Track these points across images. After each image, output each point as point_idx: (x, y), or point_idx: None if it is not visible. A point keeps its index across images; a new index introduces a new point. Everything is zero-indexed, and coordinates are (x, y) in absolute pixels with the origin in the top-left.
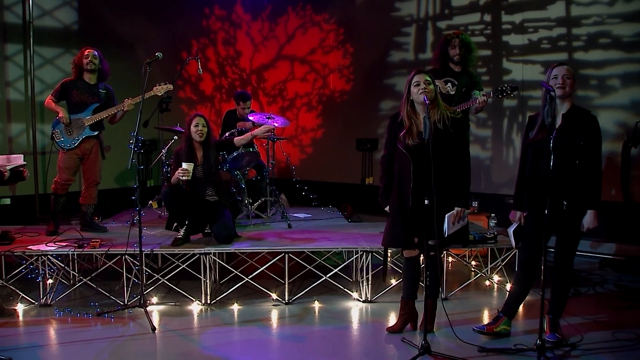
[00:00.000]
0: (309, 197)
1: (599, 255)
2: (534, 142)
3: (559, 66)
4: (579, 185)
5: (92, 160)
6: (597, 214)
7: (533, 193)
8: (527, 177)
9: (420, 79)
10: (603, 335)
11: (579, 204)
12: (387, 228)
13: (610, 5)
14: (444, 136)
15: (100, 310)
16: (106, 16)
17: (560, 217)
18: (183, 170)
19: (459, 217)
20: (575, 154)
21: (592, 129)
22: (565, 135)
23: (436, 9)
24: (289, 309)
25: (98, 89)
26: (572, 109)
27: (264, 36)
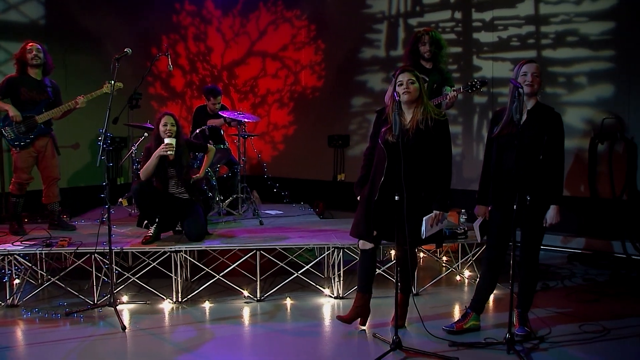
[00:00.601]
0: (281, 194)
1: (567, 250)
2: (499, 137)
3: (529, 63)
4: (542, 180)
5: (49, 158)
6: (559, 209)
7: (497, 188)
8: (492, 172)
9: (404, 78)
10: (571, 327)
11: (542, 199)
12: (356, 218)
13: (578, 4)
14: (426, 137)
15: (69, 310)
16: (74, 11)
17: (524, 212)
18: (167, 145)
19: (437, 220)
20: (539, 149)
21: (556, 126)
22: (530, 131)
23: (407, 6)
24: (260, 306)
25: (45, 84)
26: (537, 106)
27: (235, 32)
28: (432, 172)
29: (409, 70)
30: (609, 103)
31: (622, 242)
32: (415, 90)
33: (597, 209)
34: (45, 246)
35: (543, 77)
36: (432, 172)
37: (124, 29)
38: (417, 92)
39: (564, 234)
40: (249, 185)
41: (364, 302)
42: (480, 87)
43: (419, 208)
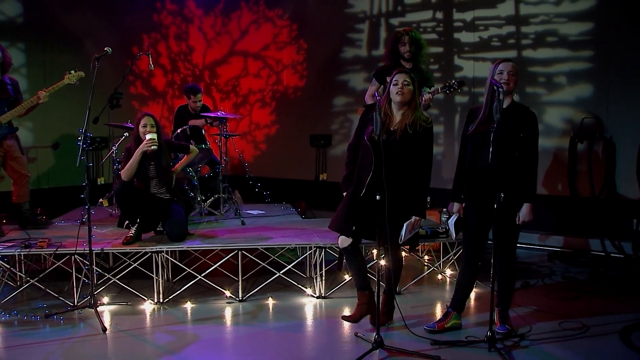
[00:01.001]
0: (263, 194)
1: (547, 248)
2: (474, 135)
3: (504, 62)
4: (516, 178)
5: (16, 158)
6: (532, 207)
7: (472, 186)
8: (467, 169)
9: (400, 78)
10: (551, 325)
11: (516, 197)
12: (338, 212)
13: (557, 5)
14: (411, 141)
15: (48, 311)
16: (53, 9)
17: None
18: (149, 140)
19: (415, 226)
20: (514, 147)
21: (530, 124)
22: (504, 129)
23: (389, 6)
24: (242, 306)
25: (5, 82)
26: (512, 105)
27: (217, 31)
28: (413, 176)
29: (406, 72)
30: (588, 103)
31: (601, 240)
32: (408, 92)
33: (577, 208)
34: (24, 247)
35: (523, 77)
36: (413, 176)
37: (105, 28)
38: (410, 94)
39: (543, 233)
40: (231, 185)
41: (367, 299)
42: (458, 87)
43: (400, 211)
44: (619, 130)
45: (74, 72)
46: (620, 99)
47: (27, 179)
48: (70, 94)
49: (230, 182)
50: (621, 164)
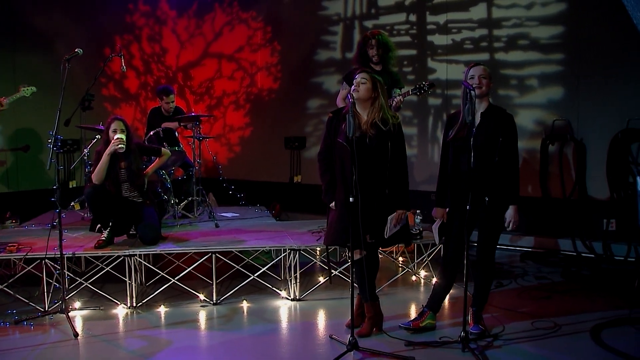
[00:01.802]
0: (237, 196)
1: (520, 248)
2: (454, 140)
3: (476, 66)
4: (499, 181)
5: None
6: (517, 209)
7: (455, 190)
8: (449, 174)
9: (358, 77)
10: (523, 325)
11: (500, 200)
12: (332, 224)
13: (528, 8)
14: (386, 138)
15: (18, 317)
16: (23, 9)
17: (482, 213)
18: (117, 139)
19: (399, 219)
20: (495, 151)
21: (509, 127)
22: (484, 133)
23: (363, 9)
24: (217, 310)
25: None
26: (489, 108)
27: (191, 33)
28: (392, 171)
29: (366, 71)
30: (559, 105)
31: (572, 240)
32: (365, 90)
33: (548, 208)
34: None
35: (495, 79)
36: (392, 172)
37: (76, 29)
38: (367, 92)
39: (516, 233)
40: (205, 188)
41: (376, 309)
42: (429, 89)
43: (385, 207)
44: (589, 132)
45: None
46: (590, 101)
47: None
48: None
49: (204, 185)
50: (591, 165)
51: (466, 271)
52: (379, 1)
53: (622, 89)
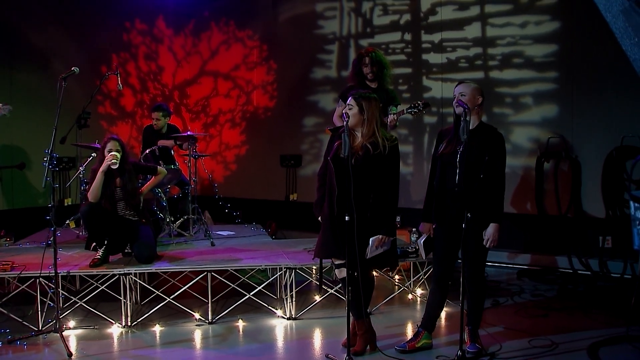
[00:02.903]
0: (233, 214)
1: (516, 266)
2: (442, 155)
3: (458, 85)
4: (483, 198)
5: None
6: (498, 227)
7: (440, 206)
8: (435, 189)
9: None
10: (520, 343)
11: (483, 217)
12: (318, 239)
13: (523, 27)
14: (372, 160)
15: (11, 337)
16: (19, 27)
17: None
18: (111, 155)
19: (382, 243)
20: (480, 168)
21: (497, 145)
22: (471, 150)
23: (358, 28)
24: (212, 329)
25: None
26: (479, 126)
27: (187, 51)
28: (377, 194)
29: (353, 95)
30: (554, 123)
31: (568, 258)
32: (353, 116)
33: (544, 226)
34: None
35: (490, 97)
36: (377, 194)
37: (73, 47)
38: (354, 118)
39: (512, 251)
40: (200, 206)
41: (367, 326)
42: (423, 108)
43: (365, 229)
44: (584, 150)
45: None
46: (584, 118)
47: None
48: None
49: (200, 203)
50: (587, 182)
51: (462, 289)
52: (374, 20)
53: (616, 106)
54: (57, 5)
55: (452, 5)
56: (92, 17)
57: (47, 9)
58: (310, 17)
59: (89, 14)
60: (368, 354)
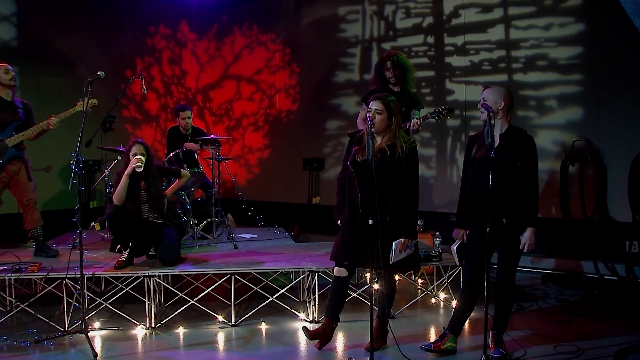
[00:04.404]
0: (256, 218)
1: (541, 271)
2: (473, 160)
3: (484, 90)
4: (517, 203)
5: (21, 183)
6: (535, 232)
7: (474, 211)
8: (468, 195)
9: (372, 107)
10: (545, 349)
11: (517, 222)
12: (336, 242)
13: (547, 29)
14: (391, 163)
15: (38, 337)
16: (47, 33)
17: (500, 235)
18: (136, 158)
19: (405, 247)
20: (513, 172)
21: (528, 149)
22: (502, 154)
23: (381, 31)
24: (235, 331)
25: (16, 105)
26: (509, 129)
27: (210, 55)
28: (397, 197)
29: (380, 99)
30: (579, 126)
31: (594, 262)
32: (380, 121)
33: (569, 230)
34: (15, 271)
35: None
36: (397, 198)
37: (98, 52)
38: (382, 123)
39: (537, 255)
40: (224, 209)
41: (329, 327)
42: (447, 114)
43: (385, 233)
44: (609, 153)
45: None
46: (610, 121)
47: (33, 204)
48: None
49: (223, 206)
50: (612, 186)
51: (487, 293)
52: (397, 23)
53: None
54: (83, 11)
55: (475, 7)
56: (117, 23)
57: (73, 15)
58: (332, 21)
59: (113, 20)
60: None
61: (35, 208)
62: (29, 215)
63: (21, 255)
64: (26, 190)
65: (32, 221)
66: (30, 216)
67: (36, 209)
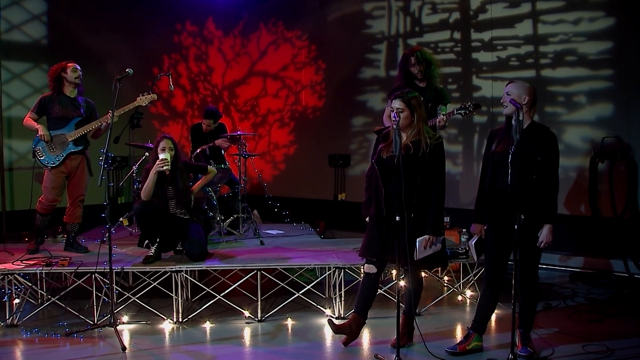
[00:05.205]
0: (282, 214)
1: (569, 269)
2: (493, 155)
3: (508, 84)
4: (536, 199)
5: (79, 177)
6: (552, 229)
7: (492, 207)
8: (487, 190)
9: (394, 105)
10: (574, 348)
11: (536, 219)
12: (364, 238)
13: (576, 24)
14: (416, 160)
15: (69, 330)
16: (76, 31)
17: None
18: (162, 160)
19: (430, 243)
20: (533, 168)
21: (550, 145)
22: (523, 150)
23: (407, 27)
24: (261, 327)
25: (79, 102)
26: (531, 125)
27: (236, 52)
28: (423, 194)
29: (400, 97)
30: (609, 122)
31: (624, 261)
32: (403, 118)
33: (599, 228)
34: (46, 265)
35: (542, 96)
36: (422, 195)
37: (126, 49)
38: (405, 120)
39: (565, 253)
40: (250, 205)
41: (355, 324)
42: (474, 109)
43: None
44: None
45: (147, 95)
46: None
47: (80, 201)
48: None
49: (249, 202)
50: None
51: (514, 291)
52: (423, 19)
53: None
54: (111, 9)
55: (503, 2)
56: (144, 20)
57: (101, 13)
58: (358, 17)
59: (141, 17)
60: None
61: (80, 206)
62: (73, 210)
63: (51, 249)
64: (80, 186)
65: (74, 216)
66: (74, 211)
67: (81, 206)
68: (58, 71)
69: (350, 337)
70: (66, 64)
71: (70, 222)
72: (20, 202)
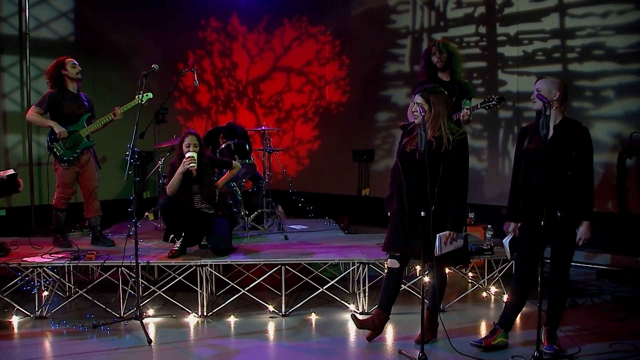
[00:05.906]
0: (306, 209)
1: (596, 266)
2: (525, 152)
3: (538, 80)
4: (571, 196)
5: (90, 170)
6: (590, 225)
7: (526, 204)
8: (520, 188)
9: (415, 100)
10: (601, 346)
11: (572, 215)
12: (387, 233)
13: (604, 17)
14: (438, 156)
15: (96, 322)
16: (102, 28)
17: (554, 229)
18: (189, 158)
19: (450, 239)
20: (567, 165)
21: (583, 141)
22: (556, 146)
23: (431, 21)
24: (285, 321)
25: (82, 98)
26: (563, 121)
27: (260, 48)
28: (444, 190)
29: (420, 92)
30: (638, 117)
31: None
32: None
33: (626, 225)
34: (73, 259)
35: (569, 91)
36: (443, 190)
37: (151, 45)
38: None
39: (591, 250)
40: (274, 200)
41: (379, 319)
42: (498, 103)
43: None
44: None
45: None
46: None
47: (95, 194)
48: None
49: (274, 197)
50: None
51: (540, 288)
52: (448, 13)
53: None
54: (136, 6)
55: None
56: (169, 16)
57: (126, 10)
58: (382, 12)
59: (166, 13)
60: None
61: (96, 198)
62: (90, 204)
63: (78, 242)
64: (92, 179)
65: (92, 210)
66: (92, 205)
67: (97, 199)
68: (57, 68)
69: (374, 332)
70: (64, 59)
71: (91, 217)
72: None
